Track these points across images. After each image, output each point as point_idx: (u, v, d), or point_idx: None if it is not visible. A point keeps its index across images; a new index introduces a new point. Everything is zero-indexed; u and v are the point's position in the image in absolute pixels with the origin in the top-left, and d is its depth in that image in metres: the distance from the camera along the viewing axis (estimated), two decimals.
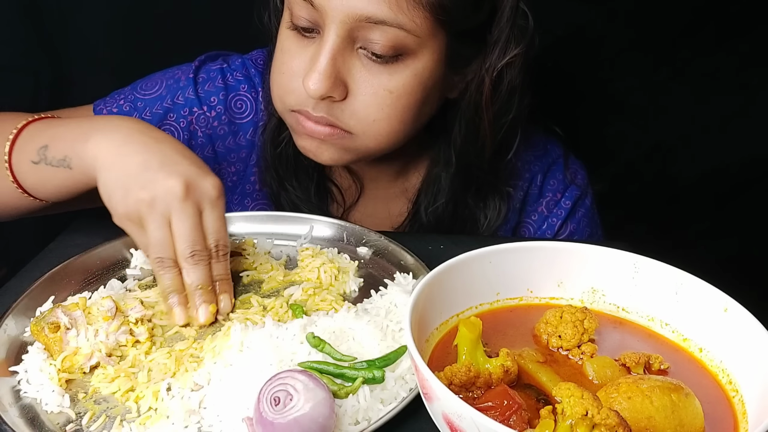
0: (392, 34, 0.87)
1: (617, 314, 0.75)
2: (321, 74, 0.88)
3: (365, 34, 0.88)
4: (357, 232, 1.00)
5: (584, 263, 0.75)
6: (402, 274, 0.91)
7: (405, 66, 0.92)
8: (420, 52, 0.91)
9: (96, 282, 0.90)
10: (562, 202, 1.18)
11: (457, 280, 0.71)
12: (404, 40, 0.89)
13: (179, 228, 0.80)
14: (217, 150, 1.15)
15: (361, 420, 0.67)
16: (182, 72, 1.14)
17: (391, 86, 0.92)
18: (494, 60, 0.96)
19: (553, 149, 1.20)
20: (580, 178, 1.21)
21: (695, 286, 0.70)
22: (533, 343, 0.71)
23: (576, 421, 0.53)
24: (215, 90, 1.13)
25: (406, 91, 0.93)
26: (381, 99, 0.92)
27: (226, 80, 1.14)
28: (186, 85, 1.12)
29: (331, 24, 0.88)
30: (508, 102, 1.01)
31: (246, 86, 1.15)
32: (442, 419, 0.57)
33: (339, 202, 1.17)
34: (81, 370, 0.75)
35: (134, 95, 1.12)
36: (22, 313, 0.81)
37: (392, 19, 0.86)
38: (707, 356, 0.69)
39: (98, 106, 1.12)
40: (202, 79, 1.14)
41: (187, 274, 0.81)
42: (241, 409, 0.67)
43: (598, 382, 0.66)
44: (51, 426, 0.69)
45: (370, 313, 0.81)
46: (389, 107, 0.93)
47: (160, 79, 1.13)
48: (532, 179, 1.18)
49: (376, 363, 0.70)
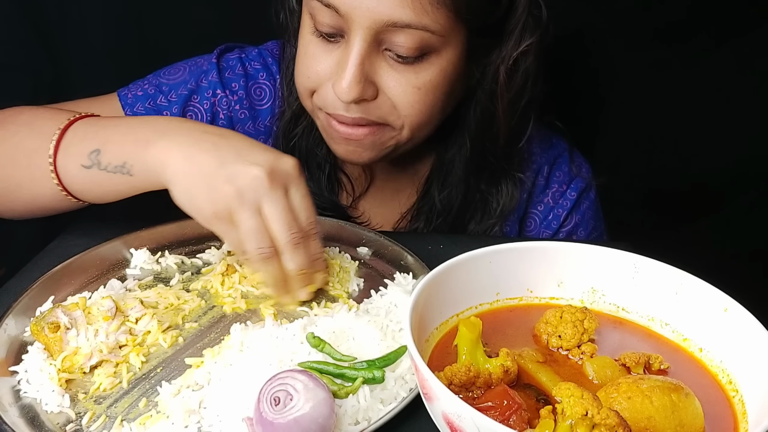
0: (417, 36, 0.89)
1: (617, 314, 0.75)
2: (351, 80, 0.90)
3: (391, 37, 0.89)
4: (357, 232, 1.00)
5: (584, 263, 0.75)
6: (402, 274, 0.91)
7: (430, 64, 0.93)
8: (443, 49, 0.93)
9: (96, 282, 0.90)
10: (568, 194, 1.20)
11: (457, 280, 0.71)
12: (429, 41, 0.90)
13: (273, 213, 0.79)
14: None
15: (361, 420, 0.67)
16: (204, 59, 1.15)
17: (419, 83, 0.94)
18: (510, 49, 0.98)
19: (558, 143, 1.23)
20: (585, 171, 1.23)
21: (695, 286, 0.71)
22: (533, 343, 0.71)
23: (576, 421, 0.53)
24: (236, 77, 1.15)
25: (434, 86, 0.95)
26: (410, 96, 0.95)
27: (246, 69, 1.15)
28: (209, 69, 1.14)
29: (358, 29, 0.89)
30: (523, 88, 1.02)
31: (264, 74, 1.16)
32: (442, 419, 0.57)
33: (349, 192, 1.18)
34: (81, 370, 0.75)
35: (158, 80, 1.13)
36: (22, 312, 0.81)
37: (417, 22, 0.88)
38: (707, 356, 0.69)
39: (122, 92, 1.12)
40: (224, 66, 1.15)
41: (290, 260, 0.81)
42: (241, 409, 0.67)
43: (598, 382, 0.66)
44: (51, 426, 0.69)
45: (370, 313, 0.81)
46: (419, 103, 0.96)
47: (183, 66, 1.15)
48: (539, 170, 1.19)
49: (376, 363, 0.70)
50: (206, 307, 0.87)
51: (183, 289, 0.89)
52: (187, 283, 0.91)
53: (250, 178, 0.78)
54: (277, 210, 0.79)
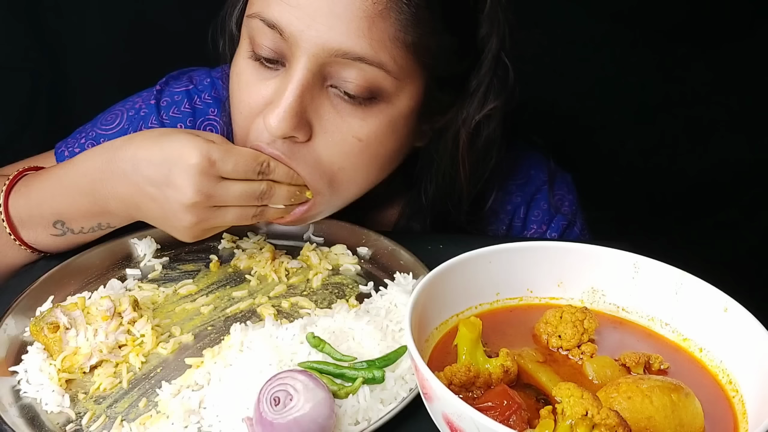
0: (370, 73, 0.79)
1: (617, 314, 0.75)
2: (285, 111, 0.79)
3: (339, 70, 0.79)
4: (357, 232, 1.00)
5: (584, 263, 0.75)
6: (402, 274, 0.90)
7: (379, 110, 0.83)
8: (396, 96, 0.83)
9: (95, 282, 0.90)
10: (548, 235, 1.11)
11: (457, 280, 0.71)
12: (382, 82, 0.80)
13: (231, 167, 0.79)
14: None
15: (361, 420, 0.67)
16: (143, 99, 1.07)
17: (362, 133, 0.83)
18: (472, 111, 0.90)
19: (536, 175, 1.12)
20: (567, 205, 1.13)
21: (695, 286, 0.70)
22: (533, 343, 0.71)
23: (576, 421, 0.53)
24: (182, 116, 1.06)
25: (377, 140, 0.85)
26: (349, 146, 0.84)
27: (194, 104, 1.07)
28: (148, 113, 1.05)
29: (302, 56, 0.78)
30: (486, 155, 0.95)
31: (216, 110, 1.06)
32: (442, 419, 0.57)
33: None
34: (81, 370, 0.75)
35: (95, 132, 1.05)
36: (21, 312, 0.81)
37: (372, 56, 0.78)
38: (707, 356, 0.69)
39: (59, 149, 1.05)
40: (166, 103, 1.06)
41: (275, 172, 0.82)
42: (241, 409, 0.67)
43: (598, 382, 0.66)
44: (51, 426, 0.69)
45: (370, 313, 0.81)
46: (357, 156, 0.85)
47: (120, 111, 1.06)
48: (514, 212, 1.11)
49: (376, 363, 0.70)
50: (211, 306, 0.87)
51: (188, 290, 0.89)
52: (198, 281, 0.91)
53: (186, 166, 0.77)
54: (232, 163, 0.79)
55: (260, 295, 0.89)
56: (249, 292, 0.90)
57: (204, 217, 0.81)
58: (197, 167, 0.77)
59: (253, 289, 0.91)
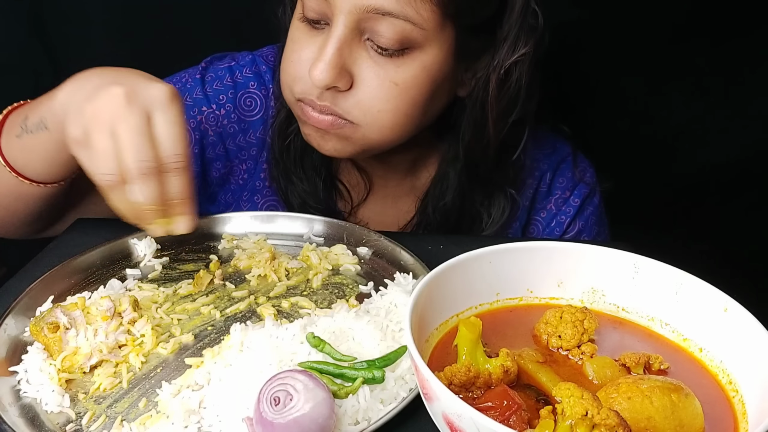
0: (399, 26, 0.88)
1: (617, 314, 0.75)
2: (327, 63, 0.89)
3: (372, 25, 0.89)
4: (357, 232, 1.00)
5: (584, 263, 0.75)
6: (402, 274, 0.90)
7: (412, 59, 0.92)
8: (427, 45, 0.91)
9: (95, 282, 0.90)
10: (571, 200, 1.19)
11: (457, 280, 0.71)
12: (411, 33, 0.89)
13: (123, 136, 0.73)
14: (228, 148, 1.15)
15: (361, 420, 0.67)
16: (189, 75, 1.14)
17: (398, 78, 0.92)
18: (503, 57, 0.96)
19: (562, 148, 1.21)
20: (589, 176, 1.21)
21: (695, 286, 0.70)
22: (533, 343, 0.71)
23: (576, 421, 0.53)
24: (224, 88, 1.13)
25: (414, 84, 0.93)
26: (387, 90, 0.92)
27: (235, 78, 1.14)
28: (193, 86, 1.13)
29: (340, 15, 0.88)
30: (515, 101, 1.00)
31: (255, 83, 1.15)
32: (442, 419, 0.57)
33: (347, 199, 1.17)
34: (81, 370, 0.75)
35: None
36: (21, 312, 0.81)
37: (398, 11, 0.87)
38: (707, 356, 0.69)
39: None
40: (210, 78, 1.14)
41: (137, 190, 0.74)
42: (241, 409, 0.67)
43: (598, 382, 0.66)
44: (51, 426, 0.69)
45: (370, 313, 0.81)
46: (395, 99, 0.93)
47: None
48: (541, 177, 1.18)
49: (376, 363, 0.70)
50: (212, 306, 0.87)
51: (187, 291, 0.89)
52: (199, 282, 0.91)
53: (108, 97, 0.74)
54: (127, 132, 0.73)
55: (260, 295, 0.89)
56: (249, 292, 0.90)
57: (88, 126, 0.75)
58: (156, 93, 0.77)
59: (253, 289, 0.91)
